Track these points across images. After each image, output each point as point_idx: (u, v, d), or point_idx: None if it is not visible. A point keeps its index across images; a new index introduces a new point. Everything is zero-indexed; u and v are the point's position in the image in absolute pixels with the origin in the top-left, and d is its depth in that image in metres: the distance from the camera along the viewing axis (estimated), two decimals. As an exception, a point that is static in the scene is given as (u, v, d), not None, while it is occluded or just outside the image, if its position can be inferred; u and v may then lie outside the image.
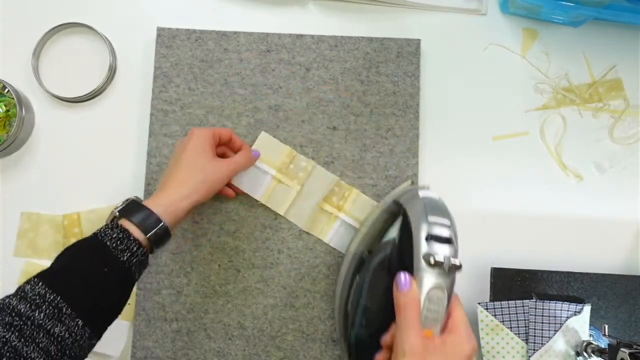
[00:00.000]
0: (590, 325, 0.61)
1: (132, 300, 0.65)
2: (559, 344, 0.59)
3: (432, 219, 0.49)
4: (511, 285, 0.63)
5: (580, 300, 0.62)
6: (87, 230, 0.66)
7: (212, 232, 0.66)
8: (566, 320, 0.59)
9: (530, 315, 0.60)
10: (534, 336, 0.60)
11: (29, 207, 0.67)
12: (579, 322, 0.60)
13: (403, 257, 0.49)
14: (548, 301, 0.60)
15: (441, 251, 0.47)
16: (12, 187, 0.67)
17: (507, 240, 0.67)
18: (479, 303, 0.61)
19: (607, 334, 0.59)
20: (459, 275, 0.65)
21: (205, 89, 0.68)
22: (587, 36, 0.70)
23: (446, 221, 0.49)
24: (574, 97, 0.70)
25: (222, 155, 0.62)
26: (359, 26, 0.71)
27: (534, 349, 0.59)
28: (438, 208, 0.50)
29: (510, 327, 0.61)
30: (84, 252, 0.48)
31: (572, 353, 0.59)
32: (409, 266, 0.47)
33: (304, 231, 0.65)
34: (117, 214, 0.51)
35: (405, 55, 0.68)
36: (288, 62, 0.68)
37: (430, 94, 0.69)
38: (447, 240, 0.48)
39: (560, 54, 0.70)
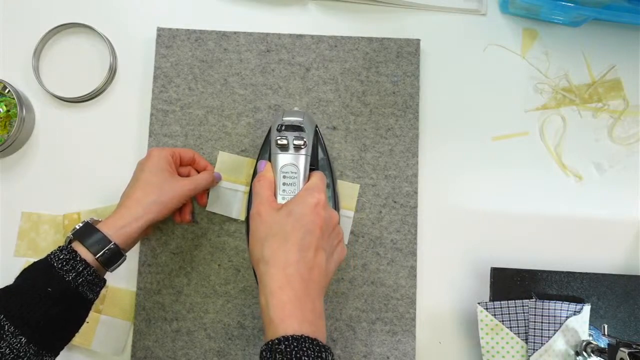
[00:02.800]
0: (589, 325, 0.61)
1: (132, 300, 0.65)
2: (559, 343, 0.59)
3: (286, 116, 0.57)
4: (511, 285, 0.63)
5: (580, 300, 0.62)
6: (87, 230, 0.66)
7: (212, 232, 0.66)
8: (566, 320, 0.59)
9: (530, 315, 0.60)
10: (534, 336, 0.60)
11: (29, 207, 0.67)
12: (579, 322, 0.60)
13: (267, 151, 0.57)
14: (548, 301, 0.60)
15: (287, 135, 0.55)
16: (12, 187, 0.67)
17: (507, 240, 0.67)
18: (479, 303, 0.61)
19: (606, 333, 0.59)
20: (459, 275, 0.66)
21: (205, 89, 0.68)
22: (587, 36, 0.71)
23: (298, 117, 0.56)
24: (573, 97, 0.70)
25: (186, 175, 0.63)
26: (358, 26, 0.71)
27: (534, 349, 0.59)
28: (294, 112, 0.58)
29: (510, 327, 0.61)
30: (33, 272, 0.50)
31: (572, 353, 0.59)
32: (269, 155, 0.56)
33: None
34: (71, 236, 0.53)
35: (405, 55, 0.68)
36: (288, 62, 0.68)
37: (430, 94, 0.69)
38: (296, 128, 0.55)
39: (560, 54, 0.70)
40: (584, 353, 0.58)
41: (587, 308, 0.60)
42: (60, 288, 0.49)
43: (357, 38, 0.69)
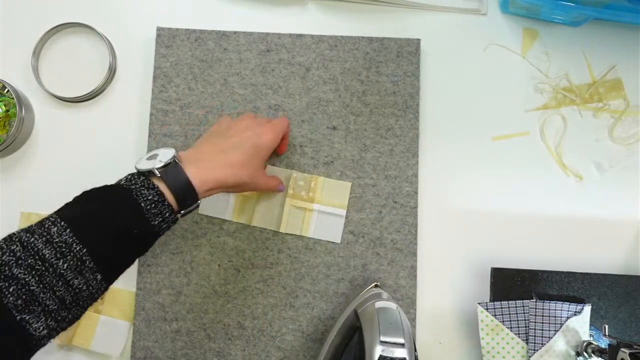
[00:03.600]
0: (590, 325, 0.60)
1: (132, 300, 0.65)
2: (559, 344, 0.59)
3: (384, 338, 0.49)
4: (511, 285, 0.63)
5: (580, 300, 0.62)
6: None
7: (212, 232, 0.66)
8: (566, 320, 0.59)
9: (531, 315, 0.60)
10: (534, 336, 0.60)
11: (29, 207, 0.67)
12: (579, 322, 0.60)
13: None
14: (548, 301, 0.60)
15: None
16: (12, 187, 0.67)
17: (507, 240, 0.67)
18: (479, 303, 0.61)
19: (607, 334, 0.59)
20: (459, 275, 0.66)
21: (205, 89, 0.68)
22: (587, 36, 0.70)
23: (399, 339, 0.49)
24: (574, 97, 0.70)
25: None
26: (359, 26, 0.71)
27: (534, 349, 0.59)
28: (392, 324, 0.50)
29: (511, 327, 0.61)
30: (116, 206, 0.47)
31: (573, 353, 0.59)
32: None
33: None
34: (158, 174, 0.49)
35: (405, 55, 0.68)
36: (288, 62, 0.68)
37: (430, 94, 0.69)
38: None
39: (560, 54, 0.70)
40: (585, 353, 0.58)
41: (587, 308, 0.60)
42: (145, 231, 0.47)
43: (357, 38, 0.69)
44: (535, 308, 0.60)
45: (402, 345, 0.49)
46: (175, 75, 0.68)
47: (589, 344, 0.58)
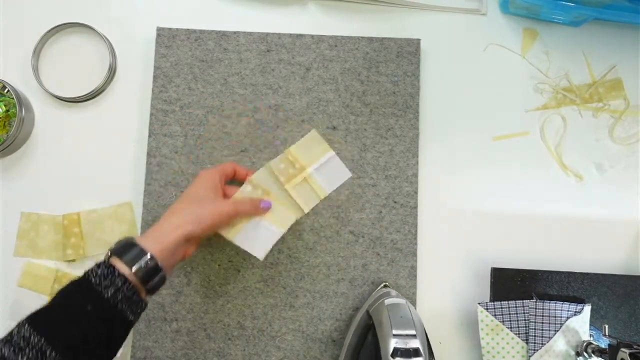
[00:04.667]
0: (590, 325, 0.60)
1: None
2: (559, 344, 0.59)
3: (396, 331, 0.51)
4: (511, 285, 0.63)
5: (580, 300, 0.62)
6: (87, 230, 0.66)
7: (212, 232, 0.65)
8: (566, 320, 0.59)
9: (530, 315, 0.60)
10: (534, 336, 0.60)
11: (29, 207, 0.67)
12: (579, 322, 0.60)
13: None
14: (548, 301, 0.60)
15: None
16: (12, 187, 0.67)
17: (507, 240, 0.67)
18: (479, 303, 0.61)
19: (607, 334, 0.59)
20: (459, 275, 0.66)
21: (205, 89, 0.68)
22: (587, 36, 0.70)
23: (410, 331, 0.51)
24: (574, 97, 0.70)
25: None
26: (359, 26, 0.71)
27: (534, 349, 0.59)
28: (402, 318, 0.53)
29: (511, 327, 0.61)
30: (70, 290, 0.47)
31: (572, 353, 0.59)
32: None
33: (303, 231, 0.65)
34: (109, 252, 0.49)
35: (405, 55, 0.68)
36: (288, 62, 0.68)
37: (430, 94, 0.69)
38: (411, 353, 0.50)
39: (560, 54, 0.70)
40: (585, 353, 0.58)
41: (587, 308, 0.60)
42: (99, 305, 0.46)
43: (357, 38, 0.69)
44: (535, 308, 0.60)
45: (414, 336, 0.51)
46: (175, 75, 0.68)
47: (589, 344, 0.58)
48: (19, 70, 0.69)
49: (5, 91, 0.66)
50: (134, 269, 0.48)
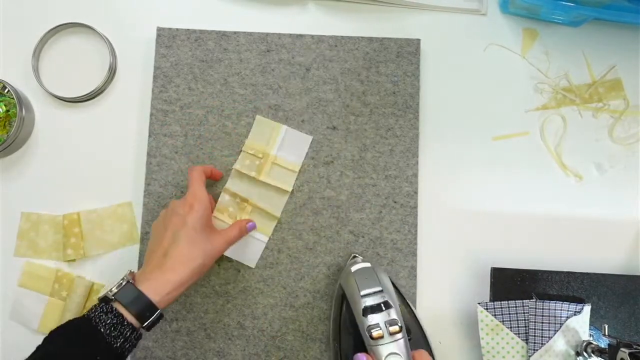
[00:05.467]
0: (590, 325, 0.60)
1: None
2: (559, 344, 0.59)
3: (364, 291, 0.53)
4: (511, 285, 0.63)
5: (580, 300, 0.62)
6: (87, 230, 0.66)
7: (212, 232, 0.65)
8: (566, 320, 0.59)
9: (530, 315, 0.60)
10: (534, 336, 0.60)
11: (29, 207, 0.67)
12: (579, 322, 0.60)
13: (359, 340, 0.52)
14: (548, 301, 0.60)
15: (379, 320, 0.51)
16: (12, 187, 0.67)
17: (507, 240, 0.67)
18: (479, 303, 0.61)
19: (607, 334, 0.59)
20: (459, 275, 0.66)
21: (205, 89, 0.68)
22: (587, 36, 0.70)
23: (377, 288, 0.53)
24: (573, 97, 0.70)
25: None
26: (359, 26, 0.71)
27: (534, 349, 0.59)
28: (367, 278, 0.54)
29: (510, 327, 0.61)
30: (77, 336, 0.48)
31: (572, 353, 0.59)
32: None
33: (303, 231, 0.65)
34: (112, 297, 0.50)
35: (405, 55, 0.68)
36: (288, 62, 0.68)
37: (430, 94, 0.69)
38: (381, 308, 0.51)
39: (560, 54, 0.70)
40: (585, 353, 0.58)
41: (587, 308, 0.60)
42: (108, 355, 0.48)
43: (357, 38, 0.69)
44: (535, 308, 0.60)
45: (381, 291, 0.53)
46: (175, 75, 0.68)
47: (589, 343, 0.58)
48: (19, 70, 0.69)
49: (6, 91, 0.66)
50: (144, 324, 0.50)
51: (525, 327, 0.60)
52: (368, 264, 0.57)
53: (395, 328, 0.50)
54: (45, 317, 0.64)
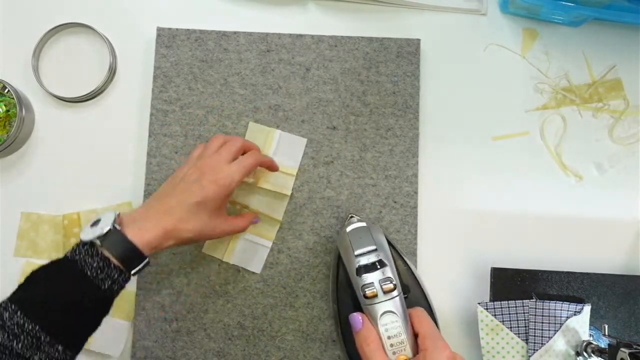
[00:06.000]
0: (590, 325, 0.61)
1: (132, 300, 0.65)
2: (559, 344, 0.59)
3: (358, 251, 0.53)
4: (511, 285, 0.63)
5: (580, 300, 0.62)
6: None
7: (212, 232, 0.65)
8: (566, 320, 0.59)
9: (530, 315, 0.60)
10: (534, 336, 0.60)
11: (29, 207, 0.67)
12: (579, 322, 0.60)
13: (357, 300, 0.52)
14: (548, 301, 0.60)
15: (373, 279, 0.50)
16: (12, 187, 0.67)
17: (507, 240, 0.67)
18: (479, 303, 0.61)
19: (607, 334, 0.59)
20: (459, 275, 0.66)
21: (205, 89, 0.68)
22: (587, 36, 0.70)
23: (370, 247, 0.53)
24: (574, 97, 0.70)
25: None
26: (359, 26, 0.71)
27: (534, 349, 0.59)
28: (362, 238, 0.54)
29: (510, 327, 0.61)
30: (62, 279, 0.48)
31: (572, 353, 0.59)
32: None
33: (303, 231, 0.65)
34: (98, 242, 0.49)
35: (405, 55, 0.68)
36: (288, 62, 0.68)
37: (430, 94, 0.69)
38: (375, 266, 0.51)
39: (560, 54, 0.70)
40: (585, 353, 0.58)
41: (587, 308, 0.60)
42: (96, 297, 0.48)
43: (357, 38, 0.69)
44: (535, 308, 0.60)
45: (375, 250, 0.53)
46: (175, 75, 0.68)
47: (589, 343, 0.58)
48: (19, 70, 0.69)
49: (6, 91, 0.66)
50: (130, 269, 0.50)
51: (525, 327, 0.60)
52: (364, 223, 0.56)
53: (390, 286, 0.50)
54: (45, 317, 0.64)
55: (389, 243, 0.57)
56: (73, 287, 0.47)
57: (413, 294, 0.59)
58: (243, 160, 0.58)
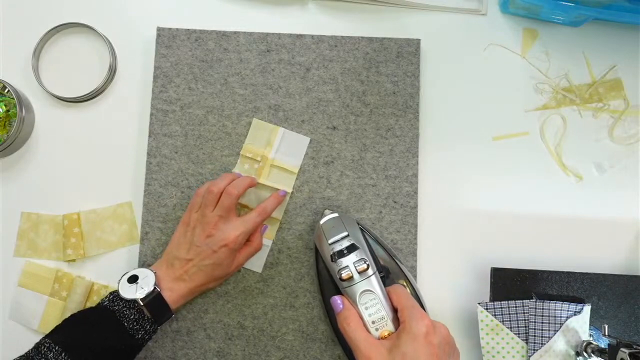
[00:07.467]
0: (590, 325, 0.61)
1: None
2: (559, 344, 0.59)
3: (331, 239, 0.57)
4: (511, 285, 0.63)
5: (580, 300, 0.62)
6: (87, 230, 0.66)
7: (212, 232, 0.65)
8: (566, 320, 0.59)
9: (530, 315, 0.60)
10: (534, 336, 0.60)
11: (29, 207, 0.67)
12: (579, 322, 0.60)
13: (337, 287, 0.55)
14: (548, 301, 0.60)
15: (347, 262, 0.54)
16: (12, 187, 0.67)
17: (507, 240, 0.67)
18: (479, 303, 0.61)
19: (607, 334, 0.59)
20: (459, 275, 0.66)
21: (205, 89, 0.68)
22: (587, 36, 0.71)
23: (343, 234, 0.57)
24: (574, 97, 0.70)
25: None
26: (359, 26, 0.71)
27: (534, 349, 0.59)
28: (334, 227, 0.57)
29: (510, 327, 0.61)
30: (103, 327, 0.54)
31: (572, 353, 0.59)
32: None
33: (303, 231, 0.65)
34: (141, 303, 0.56)
35: (405, 55, 0.68)
36: (288, 62, 0.68)
37: (430, 94, 0.69)
38: (349, 250, 0.55)
39: (560, 54, 0.70)
40: (585, 353, 0.58)
41: (587, 308, 0.60)
42: (130, 344, 0.55)
43: (357, 38, 0.69)
44: (535, 308, 0.60)
45: (347, 236, 0.56)
46: (175, 75, 0.68)
47: (589, 343, 0.58)
48: (19, 70, 0.69)
49: (6, 91, 0.66)
50: (160, 323, 0.58)
51: (525, 327, 0.60)
52: (335, 214, 0.59)
53: (363, 266, 0.53)
54: (45, 317, 0.64)
55: (366, 230, 0.60)
56: (111, 335, 0.54)
57: (396, 276, 0.60)
58: (248, 221, 0.61)
